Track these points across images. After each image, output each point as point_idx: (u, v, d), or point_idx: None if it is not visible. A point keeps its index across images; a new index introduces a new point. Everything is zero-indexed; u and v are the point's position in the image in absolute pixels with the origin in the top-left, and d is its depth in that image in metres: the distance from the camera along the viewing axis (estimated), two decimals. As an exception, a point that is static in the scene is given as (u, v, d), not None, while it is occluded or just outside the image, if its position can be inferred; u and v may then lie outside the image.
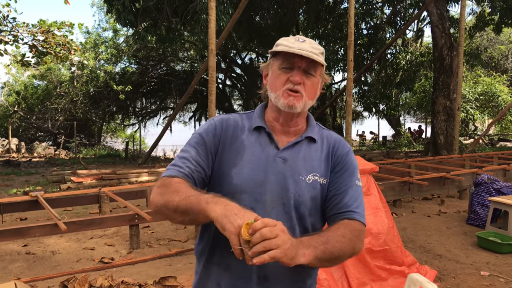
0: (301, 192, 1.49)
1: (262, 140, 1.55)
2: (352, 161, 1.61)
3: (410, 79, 20.03)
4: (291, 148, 1.55)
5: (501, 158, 10.52)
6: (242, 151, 1.53)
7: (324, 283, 3.65)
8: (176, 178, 1.44)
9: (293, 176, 1.50)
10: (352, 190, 1.54)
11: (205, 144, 1.54)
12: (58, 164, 16.21)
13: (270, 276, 1.47)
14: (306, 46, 1.49)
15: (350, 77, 9.14)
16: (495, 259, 4.90)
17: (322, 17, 18.71)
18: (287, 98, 1.49)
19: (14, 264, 4.84)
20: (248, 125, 1.59)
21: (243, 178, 1.48)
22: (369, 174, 4.32)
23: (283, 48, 1.49)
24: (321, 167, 1.55)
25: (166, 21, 13.08)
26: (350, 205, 1.51)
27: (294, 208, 1.49)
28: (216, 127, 1.57)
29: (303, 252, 1.27)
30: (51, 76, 23.84)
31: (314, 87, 1.54)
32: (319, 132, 1.64)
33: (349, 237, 1.42)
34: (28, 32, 12.67)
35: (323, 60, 1.53)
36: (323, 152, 1.58)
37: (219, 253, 1.51)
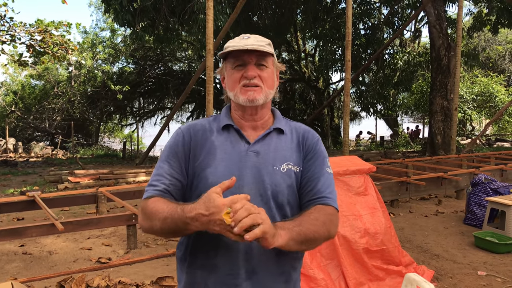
0: (277, 182, 1.53)
1: (232, 138, 1.59)
2: (323, 150, 1.66)
3: (408, 80, 20.06)
4: (261, 141, 1.58)
5: (498, 158, 10.55)
6: (214, 151, 1.56)
7: (321, 283, 3.66)
8: (153, 199, 1.48)
9: (267, 168, 1.53)
10: (324, 177, 1.59)
11: (176, 155, 1.57)
12: (55, 164, 16.18)
13: (258, 269, 1.50)
14: (252, 41, 1.53)
15: (347, 77, 9.15)
16: (492, 259, 4.90)
17: (320, 17, 18.72)
18: (245, 94, 1.53)
19: (10, 264, 4.82)
20: (216, 126, 1.62)
21: (219, 176, 1.50)
22: (367, 174, 4.32)
23: (229, 48, 1.53)
24: (293, 156, 1.59)
25: (163, 21, 13.08)
26: (323, 191, 1.56)
27: (272, 198, 1.52)
28: (184, 136, 1.60)
29: (279, 233, 1.32)
30: (48, 76, 23.80)
31: (270, 77, 1.58)
32: (287, 124, 1.68)
33: (322, 220, 1.47)
34: (26, 32, 12.65)
35: (272, 50, 1.58)
36: (293, 142, 1.62)
37: (202, 255, 1.53)
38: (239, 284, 1.49)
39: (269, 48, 1.56)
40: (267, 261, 1.51)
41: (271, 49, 1.56)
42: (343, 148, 9.18)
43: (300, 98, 28.32)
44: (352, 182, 4.17)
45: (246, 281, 1.49)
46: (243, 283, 1.49)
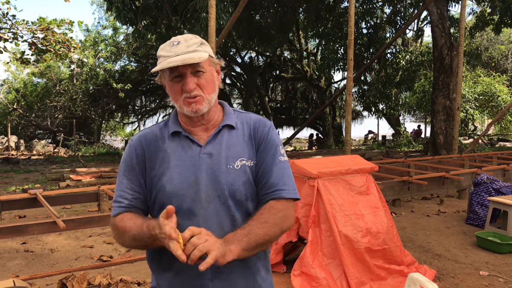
0: (233, 181, 1.53)
1: (183, 143, 1.58)
2: (274, 139, 1.63)
3: (410, 79, 20.02)
4: (212, 141, 1.57)
5: (501, 158, 10.53)
6: (167, 159, 1.56)
7: (323, 282, 3.65)
8: (121, 216, 1.54)
9: (221, 167, 1.53)
10: (276, 167, 1.58)
11: (133, 169, 1.59)
12: (57, 162, 16.19)
13: (223, 268, 1.48)
14: (182, 48, 1.49)
15: (350, 76, 9.14)
16: (494, 259, 4.89)
17: (322, 16, 18.68)
18: (189, 106, 1.52)
19: (12, 262, 4.83)
20: (167, 133, 1.61)
21: (175, 184, 1.52)
22: (369, 173, 4.32)
23: (161, 65, 1.48)
24: (246, 151, 1.59)
25: (166, 19, 13.05)
26: (277, 184, 1.55)
27: (230, 197, 1.53)
28: (136, 148, 1.60)
29: (229, 249, 1.36)
30: (50, 74, 23.81)
31: (209, 81, 1.55)
32: (237, 118, 1.66)
33: (273, 221, 1.49)
34: (28, 30, 12.65)
35: (206, 50, 1.53)
36: (245, 136, 1.61)
37: (167, 259, 1.52)
38: (206, 284, 1.52)
39: (202, 49, 1.52)
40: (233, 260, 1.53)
41: (204, 50, 1.53)
42: (345, 147, 9.16)
43: (302, 97, 28.31)
44: (354, 181, 4.16)
45: (213, 281, 1.52)
46: (209, 283, 1.51)
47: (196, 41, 1.53)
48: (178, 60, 1.44)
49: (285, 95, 28.89)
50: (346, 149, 9.10)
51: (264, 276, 1.65)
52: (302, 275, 3.76)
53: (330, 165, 4.18)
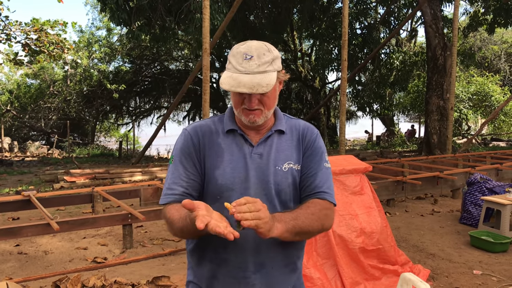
0: (279, 182, 1.61)
1: (237, 141, 1.64)
2: (321, 146, 1.73)
3: (404, 79, 20.10)
4: (263, 143, 1.64)
5: (494, 158, 10.58)
6: (221, 153, 1.62)
7: (317, 282, 3.66)
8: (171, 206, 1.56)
9: (271, 168, 1.61)
10: (321, 172, 1.67)
11: (189, 157, 1.63)
12: (51, 163, 16.13)
13: (266, 262, 1.59)
14: (253, 67, 1.50)
15: (344, 77, 9.16)
16: (487, 258, 4.92)
17: (316, 17, 18.72)
18: (247, 116, 1.58)
19: (6, 264, 4.80)
20: (222, 128, 1.67)
21: (227, 178, 1.58)
22: (363, 173, 4.33)
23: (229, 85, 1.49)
24: (294, 155, 1.67)
25: (160, 20, 13.05)
26: (321, 187, 1.64)
27: (276, 197, 1.61)
28: (192, 137, 1.65)
29: (276, 226, 1.42)
30: (44, 75, 23.70)
31: (271, 97, 1.60)
32: (287, 123, 1.73)
33: (318, 215, 1.57)
34: (21, 31, 12.60)
35: (276, 65, 1.56)
36: (293, 141, 1.69)
37: (211, 250, 1.61)
38: (248, 276, 1.58)
39: (271, 70, 1.53)
40: (274, 255, 1.60)
41: (275, 67, 1.55)
42: (340, 147, 9.19)
43: (297, 98, 28.32)
44: (348, 181, 4.17)
45: (255, 274, 1.58)
46: (251, 275, 1.58)
47: (268, 58, 1.53)
48: (246, 85, 1.47)
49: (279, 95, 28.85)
50: (341, 149, 9.12)
51: (300, 274, 1.75)
52: (297, 276, 3.76)
53: (324, 166, 4.17)
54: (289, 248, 1.64)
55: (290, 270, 1.66)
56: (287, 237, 1.49)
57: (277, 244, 1.58)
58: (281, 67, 1.62)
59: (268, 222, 1.36)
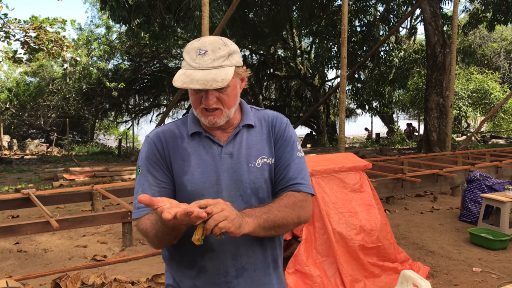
0: (255, 179, 1.54)
1: (204, 143, 1.56)
2: (292, 135, 1.65)
3: (403, 77, 20.06)
4: (232, 141, 1.57)
5: (493, 155, 10.59)
6: (188, 158, 1.54)
7: (317, 279, 3.66)
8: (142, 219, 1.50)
9: (243, 167, 1.54)
10: (294, 163, 1.59)
11: (158, 164, 1.55)
12: (50, 161, 16.12)
13: (247, 265, 1.53)
14: (207, 62, 1.42)
15: (343, 74, 9.15)
16: (487, 255, 4.93)
17: (315, 14, 18.69)
18: (207, 117, 1.50)
19: (5, 262, 4.80)
20: (186, 132, 1.59)
21: (197, 183, 1.51)
22: (362, 171, 4.33)
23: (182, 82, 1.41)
24: (266, 148, 1.60)
25: (159, 17, 13.02)
26: (295, 178, 1.57)
27: (253, 196, 1.54)
28: (156, 144, 1.57)
29: (246, 221, 1.34)
30: (43, 73, 23.69)
31: (231, 96, 1.50)
32: (255, 116, 1.65)
33: (292, 207, 1.50)
34: (20, 29, 12.58)
35: (234, 60, 1.47)
36: (263, 133, 1.62)
37: (189, 257, 1.54)
38: (230, 281, 1.52)
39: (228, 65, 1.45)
40: (254, 256, 1.55)
41: (232, 62, 1.46)
42: (339, 145, 9.18)
43: (296, 95, 28.32)
44: (348, 179, 4.17)
45: (237, 279, 1.53)
46: (233, 280, 1.52)
47: (224, 52, 1.45)
48: (200, 81, 1.39)
49: (279, 93, 28.88)
50: (340, 147, 9.12)
51: (281, 272, 1.69)
52: (296, 273, 3.77)
53: (324, 163, 4.18)
54: (267, 247, 1.58)
55: (272, 269, 1.61)
56: (260, 233, 1.42)
57: (256, 246, 1.54)
58: (241, 63, 1.53)
59: (236, 219, 1.28)
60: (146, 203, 1.19)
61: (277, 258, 1.64)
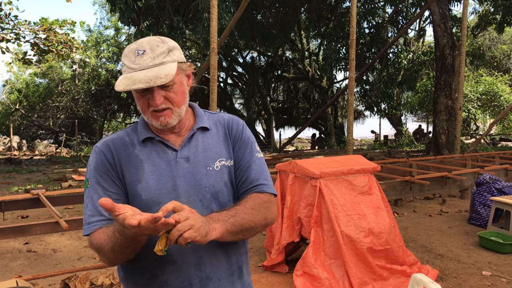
0: (214, 183, 1.49)
1: (157, 148, 1.50)
2: (249, 136, 1.62)
3: (412, 79, 19.99)
4: (187, 145, 1.51)
5: (503, 158, 10.50)
6: (141, 165, 1.47)
7: (325, 282, 3.65)
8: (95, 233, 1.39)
9: (201, 170, 1.48)
10: (255, 164, 1.56)
11: (108, 175, 1.46)
12: (59, 162, 16.22)
13: (211, 275, 1.46)
14: (147, 61, 1.37)
15: (351, 76, 9.13)
16: (497, 259, 4.89)
17: (324, 16, 18.69)
18: (158, 119, 1.44)
19: (15, 262, 4.84)
20: (137, 139, 1.52)
21: (152, 191, 1.43)
22: (371, 173, 4.32)
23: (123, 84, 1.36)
24: (224, 151, 1.55)
25: (168, 19, 13.08)
26: (257, 179, 1.54)
27: (213, 200, 1.48)
28: (105, 153, 1.48)
29: (213, 227, 1.29)
30: (52, 74, 23.86)
31: (178, 92, 1.46)
32: (210, 119, 1.61)
33: (258, 208, 1.46)
34: (30, 30, 12.69)
35: (175, 56, 1.43)
36: (220, 136, 1.58)
37: (148, 275, 1.46)
38: None
39: (169, 61, 1.41)
40: (218, 265, 1.48)
41: (172, 60, 1.41)
42: (347, 147, 9.15)
43: (304, 97, 28.31)
44: (357, 181, 4.16)
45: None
46: None
47: (163, 49, 1.41)
48: (142, 80, 1.34)
49: (286, 95, 28.89)
50: (348, 149, 9.09)
51: (248, 279, 1.62)
52: (305, 275, 3.76)
53: (332, 165, 4.17)
54: (232, 255, 1.51)
55: (237, 278, 1.54)
56: (228, 237, 1.36)
57: (220, 253, 1.47)
58: (184, 59, 1.49)
59: (202, 227, 1.22)
60: (108, 207, 1.11)
61: (242, 265, 1.57)
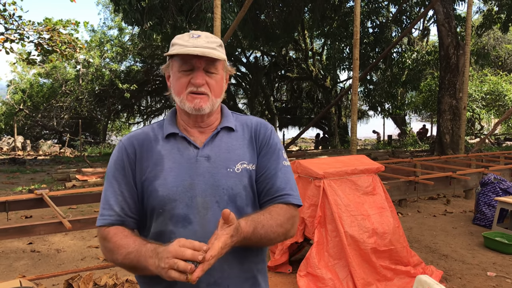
0: (233, 185, 1.45)
1: (179, 145, 1.48)
2: (277, 142, 1.58)
3: (416, 78, 19.93)
4: (210, 143, 1.49)
5: (508, 158, 10.45)
6: (161, 161, 1.46)
7: (329, 282, 3.64)
8: (111, 229, 1.43)
9: (221, 171, 1.45)
10: (281, 172, 1.51)
11: (124, 171, 1.47)
12: (63, 162, 16.25)
13: (220, 280, 1.41)
14: (202, 42, 1.41)
15: (355, 76, 9.10)
16: (501, 259, 4.86)
17: (327, 16, 18.65)
18: (192, 102, 1.44)
19: (19, 262, 4.85)
20: (161, 134, 1.52)
21: (169, 187, 1.42)
22: (375, 173, 4.30)
23: (178, 50, 1.40)
24: (247, 154, 1.51)
25: (171, 19, 13.07)
26: (283, 188, 1.49)
27: (231, 203, 1.44)
28: (127, 149, 1.49)
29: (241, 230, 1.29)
30: (56, 74, 23.92)
31: (218, 84, 1.48)
32: (237, 120, 1.58)
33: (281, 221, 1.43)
34: (34, 30, 12.71)
35: (223, 52, 1.47)
36: (245, 138, 1.54)
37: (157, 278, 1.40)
38: None
39: (221, 51, 1.45)
40: (229, 271, 1.43)
41: (222, 52, 1.46)
42: (351, 147, 9.13)
43: (307, 97, 28.27)
44: (360, 181, 4.14)
45: None
46: None
47: (217, 40, 1.46)
48: (197, 51, 1.37)
49: (290, 94, 28.86)
50: (352, 149, 9.07)
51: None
52: (308, 276, 3.75)
53: (336, 165, 4.16)
54: (245, 262, 1.46)
55: (250, 286, 1.48)
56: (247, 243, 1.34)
57: (232, 259, 1.41)
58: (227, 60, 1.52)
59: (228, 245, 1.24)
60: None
61: (257, 274, 1.51)
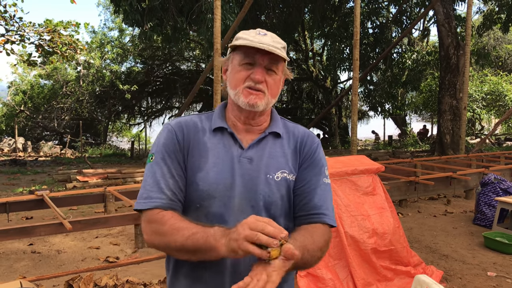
0: (270, 192, 1.42)
1: (225, 141, 1.46)
2: (321, 158, 1.54)
3: (416, 79, 19.93)
4: (255, 146, 1.46)
5: (508, 158, 10.45)
6: (206, 154, 1.44)
7: (329, 283, 3.64)
8: (166, 212, 1.35)
9: (261, 176, 1.42)
10: (320, 189, 1.48)
11: (174, 154, 1.44)
12: (64, 163, 16.26)
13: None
14: (268, 40, 1.40)
15: (355, 76, 9.11)
16: (502, 259, 4.86)
17: (327, 16, 18.67)
18: (247, 97, 1.41)
19: (19, 263, 4.85)
20: (209, 126, 1.49)
21: (210, 183, 1.40)
22: (375, 173, 4.30)
23: (243, 42, 1.39)
24: (289, 163, 1.48)
25: (171, 20, 13.09)
26: (320, 207, 1.46)
27: (265, 210, 1.41)
28: (177, 133, 1.46)
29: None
30: (57, 76, 23.93)
31: (276, 84, 1.46)
32: (284, 126, 1.56)
33: (320, 244, 1.39)
34: (35, 32, 12.71)
35: (285, 54, 1.44)
36: (290, 147, 1.51)
37: (189, 266, 1.43)
38: None
39: (284, 52, 1.43)
40: None
41: (284, 53, 1.43)
42: (351, 147, 9.14)
43: (308, 97, 28.26)
44: (361, 181, 4.15)
45: None
46: None
47: (282, 42, 1.45)
48: (264, 43, 1.36)
49: (290, 95, 28.86)
50: (352, 149, 9.07)
51: None
52: (308, 276, 3.75)
53: (336, 166, 4.16)
54: None
55: None
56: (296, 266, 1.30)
57: None
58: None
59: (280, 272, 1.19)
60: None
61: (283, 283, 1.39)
